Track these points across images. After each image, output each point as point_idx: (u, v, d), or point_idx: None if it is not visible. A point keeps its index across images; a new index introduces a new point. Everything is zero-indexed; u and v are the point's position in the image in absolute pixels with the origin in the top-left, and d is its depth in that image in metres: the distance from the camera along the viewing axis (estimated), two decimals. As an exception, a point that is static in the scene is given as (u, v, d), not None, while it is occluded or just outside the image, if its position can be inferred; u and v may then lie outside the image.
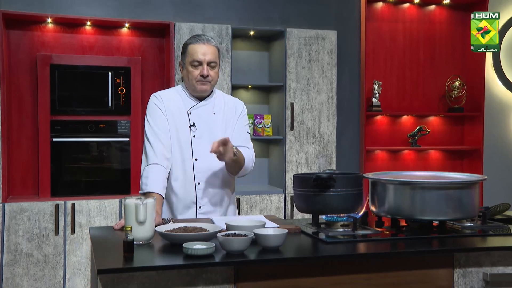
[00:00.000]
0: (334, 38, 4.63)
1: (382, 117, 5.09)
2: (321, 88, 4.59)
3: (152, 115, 2.54)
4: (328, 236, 2.07)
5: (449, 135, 5.25)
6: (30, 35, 4.23)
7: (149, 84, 4.46)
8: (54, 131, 4.10)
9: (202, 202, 2.51)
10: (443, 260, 1.96)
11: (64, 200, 4.01)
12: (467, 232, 2.21)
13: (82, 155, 4.21)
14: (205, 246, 1.75)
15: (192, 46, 2.50)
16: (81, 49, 4.32)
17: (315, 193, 2.17)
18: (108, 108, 4.20)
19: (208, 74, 2.49)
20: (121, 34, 4.42)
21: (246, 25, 4.58)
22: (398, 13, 5.11)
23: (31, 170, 4.25)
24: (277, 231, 1.91)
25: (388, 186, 2.21)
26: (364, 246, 2.02)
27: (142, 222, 1.91)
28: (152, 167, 2.41)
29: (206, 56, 2.48)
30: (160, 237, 2.00)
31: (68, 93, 4.14)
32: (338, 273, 1.85)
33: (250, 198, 4.37)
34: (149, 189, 2.35)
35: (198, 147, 2.50)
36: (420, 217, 2.16)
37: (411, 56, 5.14)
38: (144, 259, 1.79)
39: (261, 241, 1.85)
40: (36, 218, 3.95)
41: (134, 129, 4.24)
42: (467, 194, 2.18)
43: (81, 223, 4.03)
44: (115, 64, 4.22)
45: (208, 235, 1.88)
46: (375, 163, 5.03)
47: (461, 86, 5.11)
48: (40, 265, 3.95)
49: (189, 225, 2.01)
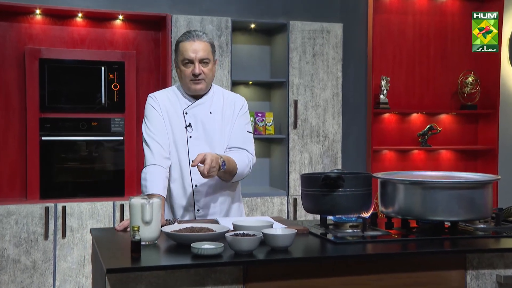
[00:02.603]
0: (339, 31, 4.74)
1: (390, 115, 5.19)
2: (326, 84, 4.70)
3: (148, 117, 2.64)
4: (337, 237, 2.19)
5: (461, 134, 5.35)
6: (17, 27, 4.32)
7: (144, 80, 4.57)
8: (44, 129, 4.19)
9: (200, 205, 2.61)
10: (455, 261, 2.08)
11: (54, 203, 4.10)
12: (480, 233, 2.32)
13: (73, 154, 4.30)
14: (214, 246, 1.88)
15: (183, 44, 2.58)
16: (72, 42, 4.42)
17: (323, 193, 2.28)
18: (101, 105, 4.31)
19: (200, 72, 2.56)
20: (115, 27, 4.52)
21: (246, 18, 4.68)
22: (407, 5, 5.20)
23: (18, 170, 4.34)
24: (286, 231, 2.03)
25: (398, 186, 2.33)
26: (374, 247, 2.14)
27: (148, 222, 2.04)
28: (150, 168, 2.52)
29: (197, 53, 2.55)
30: (165, 238, 2.12)
31: (58, 89, 4.23)
32: (348, 273, 1.98)
33: (250, 200, 4.47)
34: (149, 191, 2.44)
35: (195, 149, 2.59)
36: (432, 218, 2.27)
37: (421, 50, 5.23)
38: (151, 259, 1.92)
39: (270, 241, 1.98)
40: (24, 221, 4.03)
41: (129, 128, 4.35)
42: (480, 194, 2.29)
43: (72, 227, 4.12)
44: (108, 58, 4.32)
45: (216, 235, 2.01)
46: (382, 163, 5.13)
47: (475, 82, 5.19)
48: (28, 271, 4.03)
49: (196, 225, 2.14)
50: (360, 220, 2.31)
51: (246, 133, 2.70)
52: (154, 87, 4.49)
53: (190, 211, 2.62)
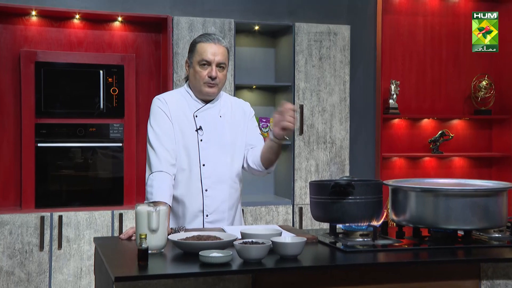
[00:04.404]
0: (347, 33, 4.82)
1: (400, 121, 5.25)
2: (333, 88, 4.77)
3: (156, 119, 2.70)
4: (347, 245, 2.26)
5: (475, 141, 5.40)
6: (12, 29, 4.40)
7: (144, 84, 4.64)
8: (39, 135, 4.26)
9: (209, 210, 2.69)
10: (469, 271, 2.15)
11: (50, 212, 4.16)
12: (495, 243, 2.39)
13: (70, 161, 4.37)
14: (223, 254, 1.96)
15: (202, 45, 2.68)
16: (69, 45, 4.49)
17: (333, 200, 2.36)
18: (99, 110, 4.38)
19: (216, 76, 2.66)
20: (114, 29, 4.60)
21: (250, 19, 4.76)
22: (418, 5, 5.26)
23: (13, 178, 4.39)
24: (296, 239, 2.11)
25: (410, 194, 2.41)
26: (385, 256, 2.22)
27: (155, 230, 2.11)
28: (156, 175, 2.59)
29: (216, 56, 2.66)
30: (170, 246, 2.20)
31: (54, 93, 4.31)
32: (359, 283, 2.05)
33: (254, 209, 4.54)
34: (154, 198, 2.51)
35: (205, 152, 2.68)
36: (444, 226, 2.34)
37: (433, 52, 5.29)
38: (159, 267, 2.00)
39: (279, 250, 2.05)
40: (19, 232, 4.09)
41: (128, 134, 4.41)
42: (494, 202, 2.36)
43: (68, 237, 4.18)
44: (107, 61, 4.39)
45: (224, 243, 2.09)
46: (392, 171, 5.18)
47: (489, 86, 5.25)
48: (22, 284, 4.07)
49: (203, 233, 2.22)
50: (370, 229, 2.37)
51: (259, 134, 2.84)
52: (154, 91, 4.55)
53: (199, 216, 2.69)
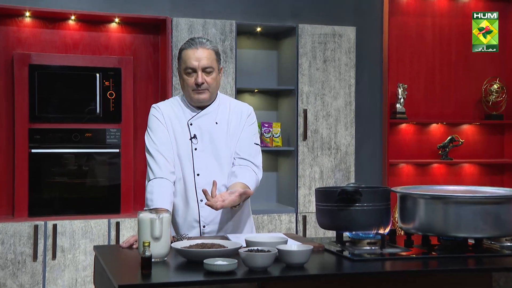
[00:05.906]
0: (352, 35, 4.87)
1: (407, 126, 5.30)
2: (338, 92, 4.82)
3: (152, 128, 2.76)
4: (354, 254, 2.31)
5: (486, 146, 5.44)
6: (5, 30, 4.45)
7: (142, 88, 4.68)
8: (33, 141, 4.30)
9: (206, 221, 2.74)
10: (481, 280, 2.19)
11: (44, 221, 4.19)
12: (507, 252, 2.43)
13: (64, 168, 4.40)
14: (228, 262, 2.01)
15: (185, 52, 2.72)
16: (64, 47, 4.54)
17: (339, 208, 2.41)
18: (95, 114, 4.42)
19: (202, 81, 2.69)
20: (110, 31, 4.65)
21: (252, 21, 4.81)
22: (426, 6, 5.32)
23: (5, 185, 4.43)
24: (302, 247, 2.16)
25: (419, 201, 2.45)
26: (393, 264, 2.26)
27: (158, 237, 2.16)
28: (156, 181, 2.64)
29: (200, 61, 2.68)
30: (173, 254, 2.25)
31: (49, 97, 4.35)
32: (367, 292, 2.11)
33: (256, 218, 4.57)
34: (155, 205, 2.56)
35: (200, 161, 2.73)
36: (454, 234, 2.39)
37: (442, 55, 5.34)
38: (162, 275, 2.05)
39: (285, 258, 2.10)
40: (11, 241, 4.12)
41: (125, 139, 4.46)
42: (506, 210, 2.39)
43: (63, 247, 4.21)
44: (104, 64, 4.44)
45: (229, 252, 2.14)
46: (399, 178, 5.22)
47: (501, 89, 5.30)
48: (15, 296, 4.13)
49: (207, 241, 2.27)
50: (378, 237, 2.41)
51: (253, 145, 2.83)
52: (153, 95, 4.61)
53: (195, 227, 2.74)
